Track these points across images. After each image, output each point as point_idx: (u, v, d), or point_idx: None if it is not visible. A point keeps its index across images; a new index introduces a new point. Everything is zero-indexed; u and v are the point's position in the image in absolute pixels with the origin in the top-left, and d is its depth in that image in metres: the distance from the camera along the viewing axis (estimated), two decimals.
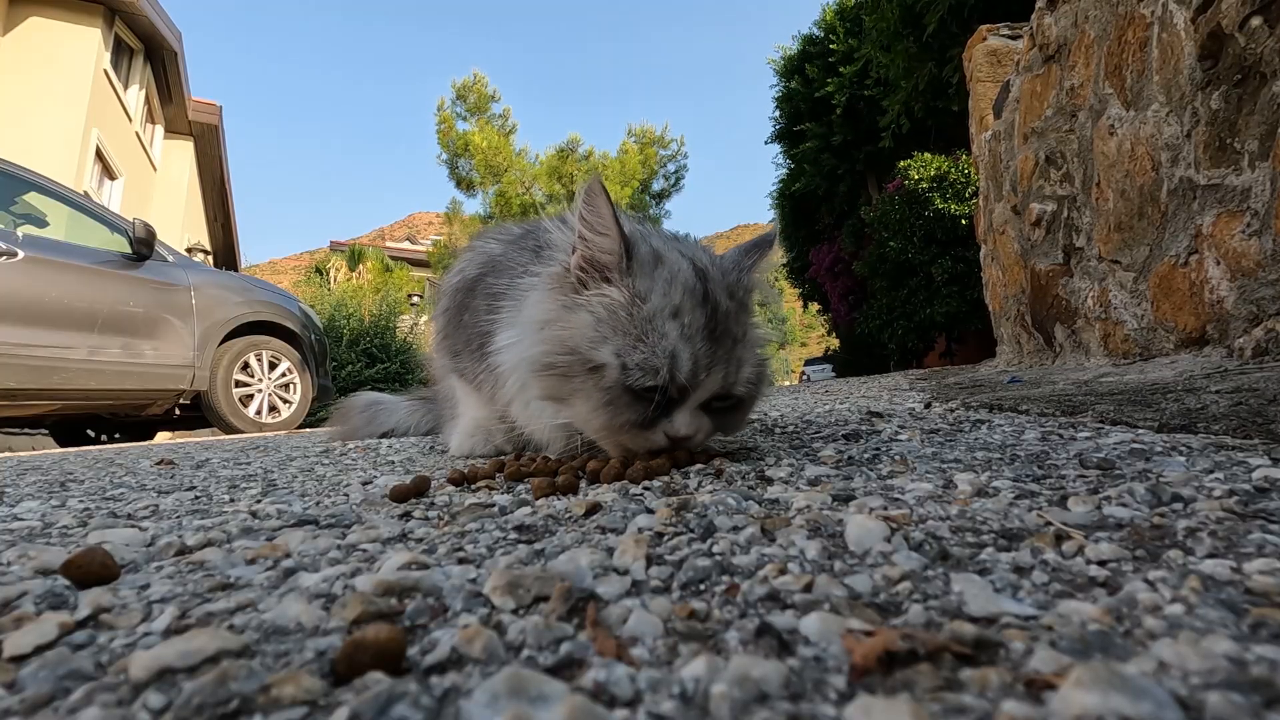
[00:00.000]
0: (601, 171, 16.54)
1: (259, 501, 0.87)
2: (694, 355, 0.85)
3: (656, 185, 17.49)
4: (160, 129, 12.51)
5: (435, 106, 16.28)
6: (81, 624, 0.40)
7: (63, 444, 5.02)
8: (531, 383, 0.93)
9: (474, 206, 17.10)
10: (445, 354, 1.35)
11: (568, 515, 0.66)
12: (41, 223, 3.96)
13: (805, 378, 18.27)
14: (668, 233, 1.14)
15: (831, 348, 15.99)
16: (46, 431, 5.31)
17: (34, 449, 5.47)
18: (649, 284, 0.89)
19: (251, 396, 4.57)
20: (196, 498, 0.94)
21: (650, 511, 0.64)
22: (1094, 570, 0.42)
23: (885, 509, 0.59)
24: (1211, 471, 0.66)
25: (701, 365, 0.86)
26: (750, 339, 0.96)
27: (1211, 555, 0.43)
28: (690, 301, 0.89)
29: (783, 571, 0.45)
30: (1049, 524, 0.52)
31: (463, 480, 0.90)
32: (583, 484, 0.85)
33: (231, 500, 0.91)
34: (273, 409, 4.68)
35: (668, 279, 0.90)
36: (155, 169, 12.19)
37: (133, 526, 0.71)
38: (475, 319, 1.17)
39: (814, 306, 14.41)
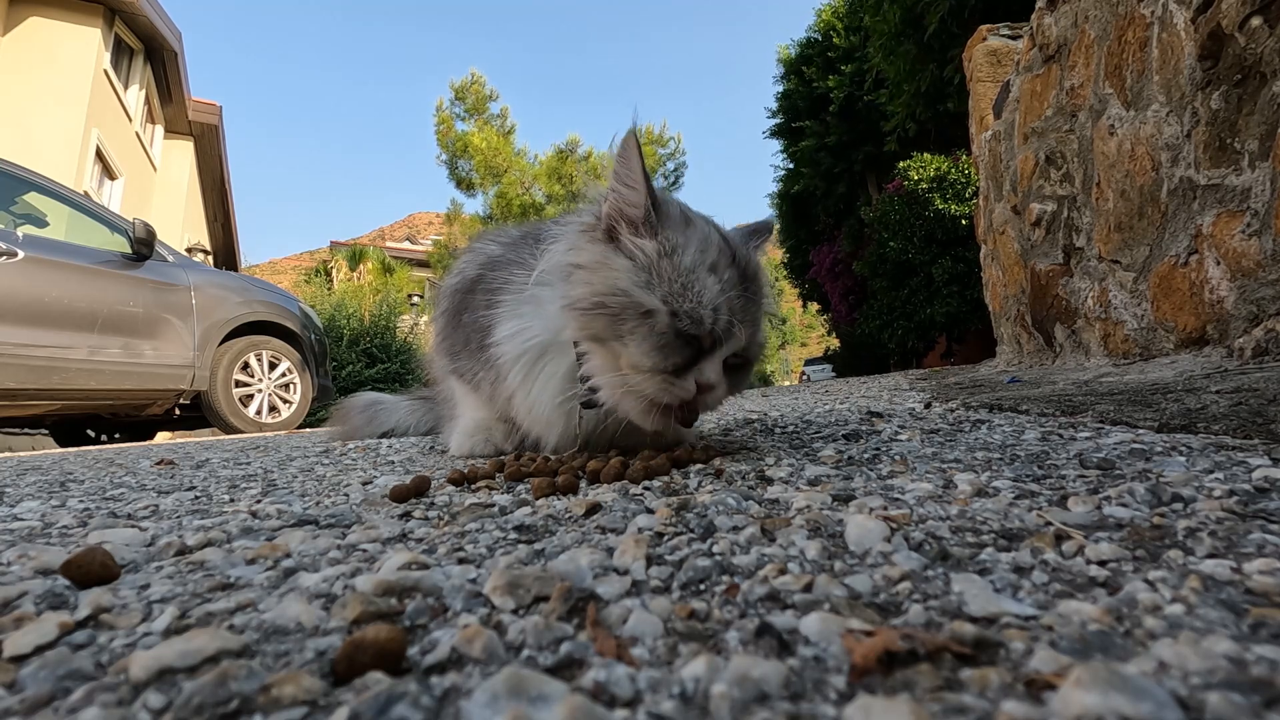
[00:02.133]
0: (601, 172, 16.53)
1: (259, 501, 0.87)
2: (731, 309, 0.91)
3: (657, 183, 17.40)
4: (160, 129, 12.51)
5: (434, 107, 16.30)
6: (81, 624, 0.40)
7: (63, 444, 5.02)
8: (576, 321, 0.94)
9: (474, 207, 17.12)
10: (444, 355, 1.35)
11: (568, 515, 0.66)
12: (41, 223, 3.96)
13: (805, 378, 18.27)
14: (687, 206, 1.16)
15: (831, 348, 15.99)
16: (46, 431, 5.31)
17: (34, 449, 5.47)
18: (682, 239, 0.94)
19: (251, 396, 4.56)
20: (196, 498, 0.94)
21: (650, 511, 0.64)
22: (1094, 570, 0.42)
23: (885, 509, 0.59)
24: (1211, 471, 0.66)
25: (736, 319, 0.92)
26: (762, 311, 1.03)
27: (1211, 555, 0.43)
28: (724, 260, 0.94)
29: (783, 571, 0.45)
30: (1049, 524, 0.52)
31: (463, 480, 0.90)
32: (583, 484, 0.85)
33: (231, 500, 0.91)
34: (273, 409, 4.68)
35: (701, 238, 0.95)
36: (155, 169, 12.19)
37: (133, 526, 0.71)
38: (474, 316, 1.17)
39: (814, 306, 14.42)
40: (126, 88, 10.30)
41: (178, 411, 4.61)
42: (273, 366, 4.70)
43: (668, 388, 0.91)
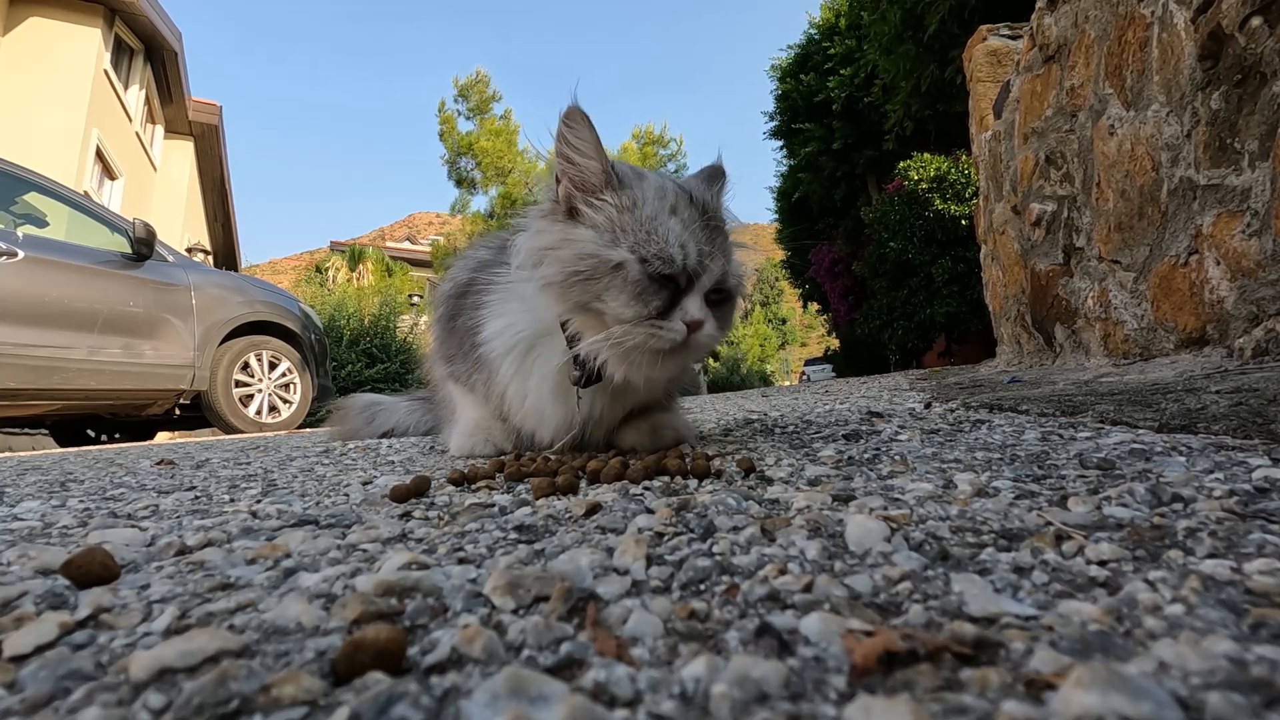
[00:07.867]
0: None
1: (259, 501, 0.87)
2: (698, 243, 0.96)
3: None
4: (160, 129, 12.50)
5: (437, 106, 16.33)
6: (81, 624, 0.40)
7: (63, 444, 5.01)
8: (555, 295, 0.98)
9: (477, 205, 17.14)
10: (441, 360, 1.37)
11: (568, 515, 0.66)
12: (41, 223, 3.96)
13: (805, 378, 18.26)
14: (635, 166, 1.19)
15: (831, 348, 15.99)
16: (46, 431, 5.31)
17: (34, 449, 5.47)
18: (639, 192, 0.98)
19: (251, 396, 4.56)
20: (196, 498, 0.94)
21: (650, 511, 0.64)
22: (1094, 570, 0.42)
23: (885, 509, 0.59)
24: (1211, 471, 0.66)
25: (704, 252, 0.96)
26: (731, 245, 1.07)
27: (1211, 555, 0.43)
28: (683, 202, 0.99)
29: (783, 571, 0.45)
30: (1049, 524, 0.52)
31: (463, 480, 0.90)
32: (583, 484, 0.85)
33: (231, 500, 0.90)
34: (273, 409, 4.68)
35: (657, 187, 1.00)
36: (155, 169, 12.19)
37: (133, 526, 0.71)
38: (466, 320, 1.20)
39: (814, 306, 14.41)
40: (126, 88, 10.30)
41: (178, 411, 4.61)
42: (273, 366, 4.70)
43: (657, 333, 0.93)
